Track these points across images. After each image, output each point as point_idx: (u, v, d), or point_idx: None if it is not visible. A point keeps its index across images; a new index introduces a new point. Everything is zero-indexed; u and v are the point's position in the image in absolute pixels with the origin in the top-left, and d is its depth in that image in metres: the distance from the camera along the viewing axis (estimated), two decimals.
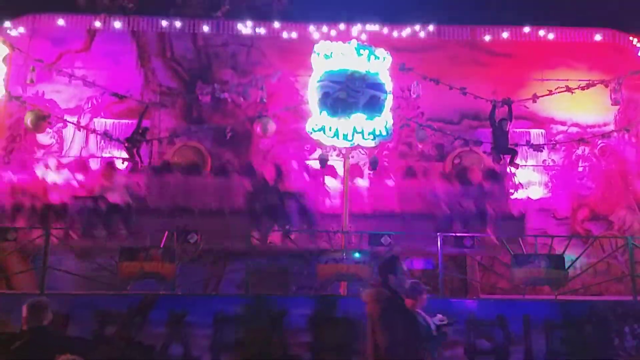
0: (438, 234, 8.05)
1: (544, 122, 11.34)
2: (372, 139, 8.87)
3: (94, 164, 10.47)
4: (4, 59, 10.10)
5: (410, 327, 3.84)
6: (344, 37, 10.25)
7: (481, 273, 9.96)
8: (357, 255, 7.94)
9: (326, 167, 9.55)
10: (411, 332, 3.81)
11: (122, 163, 9.68)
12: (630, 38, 11.46)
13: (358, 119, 8.81)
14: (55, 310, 6.57)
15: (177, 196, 9.00)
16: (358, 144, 8.93)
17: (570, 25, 11.71)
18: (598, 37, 11.49)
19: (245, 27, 11.37)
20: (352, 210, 8.70)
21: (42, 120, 9.34)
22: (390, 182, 9.76)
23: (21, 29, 10.88)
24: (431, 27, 11.41)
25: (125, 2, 13.12)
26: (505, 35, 11.47)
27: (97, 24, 11.21)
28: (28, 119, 9.33)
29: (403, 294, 3.98)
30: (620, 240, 9.89)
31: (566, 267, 8.07)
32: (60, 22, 11.18)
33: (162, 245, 8.24)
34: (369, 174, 10.71)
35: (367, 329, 3.90)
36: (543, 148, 10.50)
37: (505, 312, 7.14)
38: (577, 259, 8.55)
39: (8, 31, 10.71)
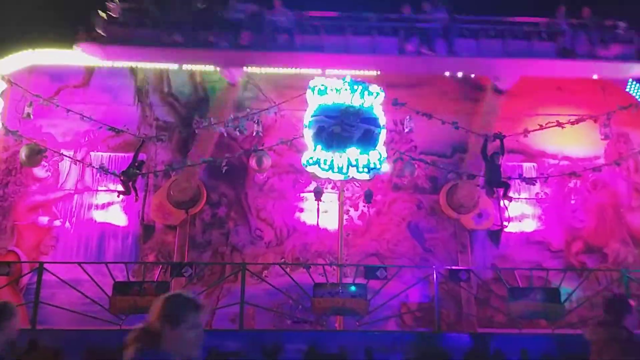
0: (434, 267, 8.06)
1: (535, 156, 11.49)
2: (366, 172, 8.97)
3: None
4: (2, 94, 10.22)
5: None
6: (338, 72, 10.45)
7: (477, 307, 9.92)
8: (353, 289, 7.92)
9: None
10: None
11: (118, 196, 9.70)
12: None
13: (352, 152, 8.94)
14: (47, 345, 6.52)
15: None
16: (352, 177, 9.03)
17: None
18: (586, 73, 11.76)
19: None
20: None
21: (38, 155, 9.38)
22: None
23: (20, 64, 11.03)
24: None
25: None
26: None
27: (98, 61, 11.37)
28: (23, 153, 9.37)
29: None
30: (615, 273, 9.92)
31: (562, 300, 8.07)
32: (60, 57, 11.35)
33: (156, 279, 8.21)
34: (364, 206, 10.79)
35: None
36: (535, 181, 10.60)
37: (502, 346, 7.10)
38: (573, 292, 8.56)
39: (7, 66, 10.85)
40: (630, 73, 11.01)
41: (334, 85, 9.33)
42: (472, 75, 11.40)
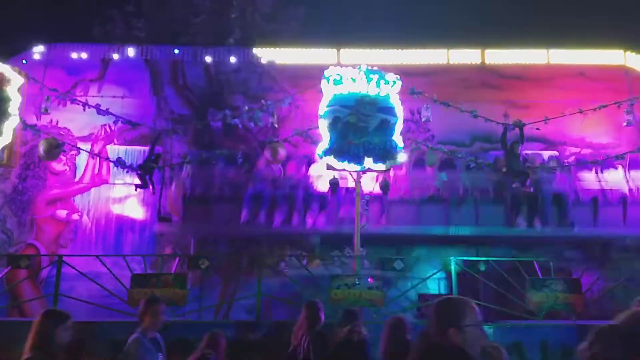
0: (452, 257, 7.95)
1: (556, 144, 11.25)
2: (382, 163, 8.86)
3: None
4: (19, 89, 10.30)
5: None
6: (354, 61, 10.31)
7: (496, 297, 9.78)
8: (369, 280, 7.85)
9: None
10: None
11: (135, 190, 9.74)
12: None
13: (369, 142, 8.82)
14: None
15: None
16: (369, 168, 8.92)
17: (581, 46, 11.70)
18: (610, 58, 11.46)
19: (256, 54, 11.52)
20: None
21: (56, 149, 9.44)
22: None
23: (37, 59, 11.12)
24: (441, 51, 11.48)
25: (138, 32, 13.43)
26: (515, 58, 11.49)
27: (113, 55, 11.42)
28: (41, 147, 9.43)
29: None
30: (637, 264, 9.70)
31: (583, 290, 7.92)
32: (75, 52, 11.41)
33: (173, 271, 8.23)
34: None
35: None
36: (556, 170, 10.38)
37: (521, 338, 6.99)
38: (594, 282, 8.39)
39: (23, 61, 10.94)
40: None
41: (350, 74, 9.19)
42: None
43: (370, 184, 10.09)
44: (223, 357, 5.22)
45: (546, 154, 11.12)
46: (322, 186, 10.33)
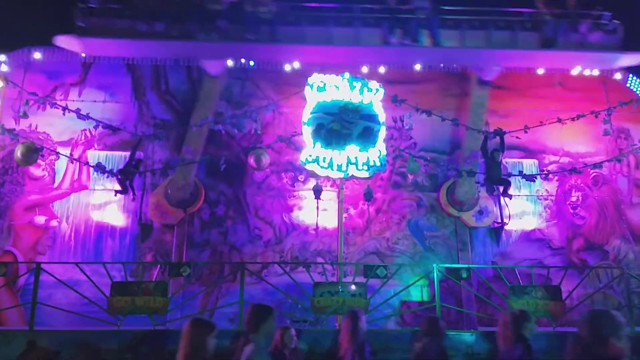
0: (434, 265, 8.01)
1: (536, 153, 11.43)
2: (366, 170, 8.91)
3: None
4: None
5: None
6: (337, 69, 10.36)
7: (478, 305, 9.87)
8: (352, 287, 7.86)
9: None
10: None
11: (115, 195, 9.61)
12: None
13: (352, 150, 8.87)
14: (45, 346, 6.47)
15: None
16: (352, 175, 8.97)
17: None
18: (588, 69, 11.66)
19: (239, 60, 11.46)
20: None
21: (34, 153, 9.26)
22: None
23: (16, 62, 10.91)
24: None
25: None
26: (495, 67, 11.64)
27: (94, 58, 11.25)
28: (19, 151, 9.24)
29: None
30: (616, 270, 9.89)
31: (563, 297, 8.03)
32: (56, 55, 11.23)
33: (154, 279, 8.14)
34: (363, 205, 10.71)
35: None
36: (535, 178, 10.55)
37: None
38: (574, 289, 8.51)
39: (2, 65, 10.73)
40: (614, 64, 10.80)
41: (333, 81, 9.27)
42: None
43: None
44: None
45: (526, 162, 11.29)
46: None
